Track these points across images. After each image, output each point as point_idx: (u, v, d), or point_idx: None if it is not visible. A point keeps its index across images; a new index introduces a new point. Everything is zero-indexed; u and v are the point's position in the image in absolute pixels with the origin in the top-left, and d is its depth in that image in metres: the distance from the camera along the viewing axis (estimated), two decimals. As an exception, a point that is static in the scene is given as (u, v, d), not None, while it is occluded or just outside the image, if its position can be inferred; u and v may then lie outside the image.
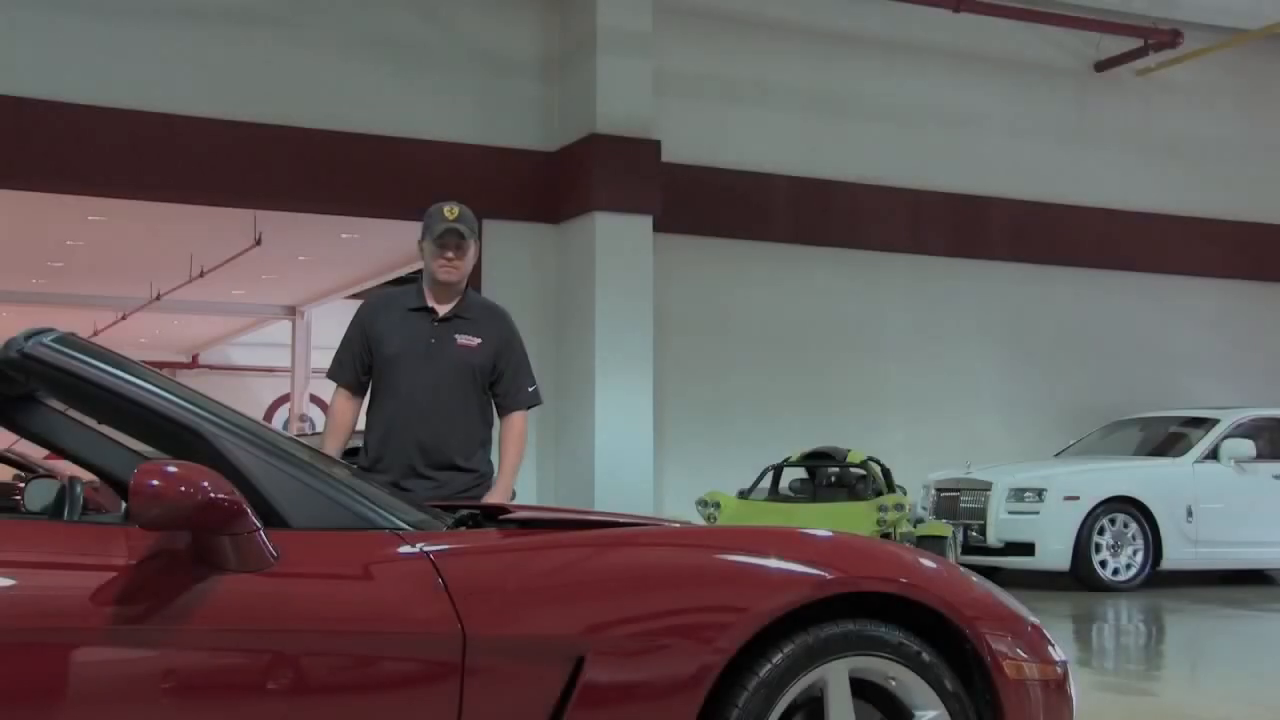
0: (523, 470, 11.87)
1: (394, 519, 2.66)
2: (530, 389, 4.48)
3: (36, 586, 2.35)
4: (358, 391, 4.46)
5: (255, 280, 17.55)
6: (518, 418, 4.46)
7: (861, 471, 10.17)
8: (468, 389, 4.35)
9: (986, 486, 10.55)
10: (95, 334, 20.69)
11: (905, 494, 10.10)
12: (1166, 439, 11.47)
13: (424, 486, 4.23)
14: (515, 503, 4.37)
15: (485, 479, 4.45)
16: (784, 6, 12.49)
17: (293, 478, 2.59)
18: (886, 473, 10.23)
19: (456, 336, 4.35)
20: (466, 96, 11.41)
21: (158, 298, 18.55)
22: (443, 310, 4.37)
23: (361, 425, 4.53)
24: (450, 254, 4.33)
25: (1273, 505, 10.81)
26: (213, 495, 2.28)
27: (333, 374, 4.47)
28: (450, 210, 4.39)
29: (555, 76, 11.69)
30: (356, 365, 4.41)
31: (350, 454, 4.37)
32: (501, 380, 4.41)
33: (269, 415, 24.04)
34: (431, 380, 4.30)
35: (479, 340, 4.36)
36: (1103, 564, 10.25)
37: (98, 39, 10.25)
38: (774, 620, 2.61)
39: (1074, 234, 13.61)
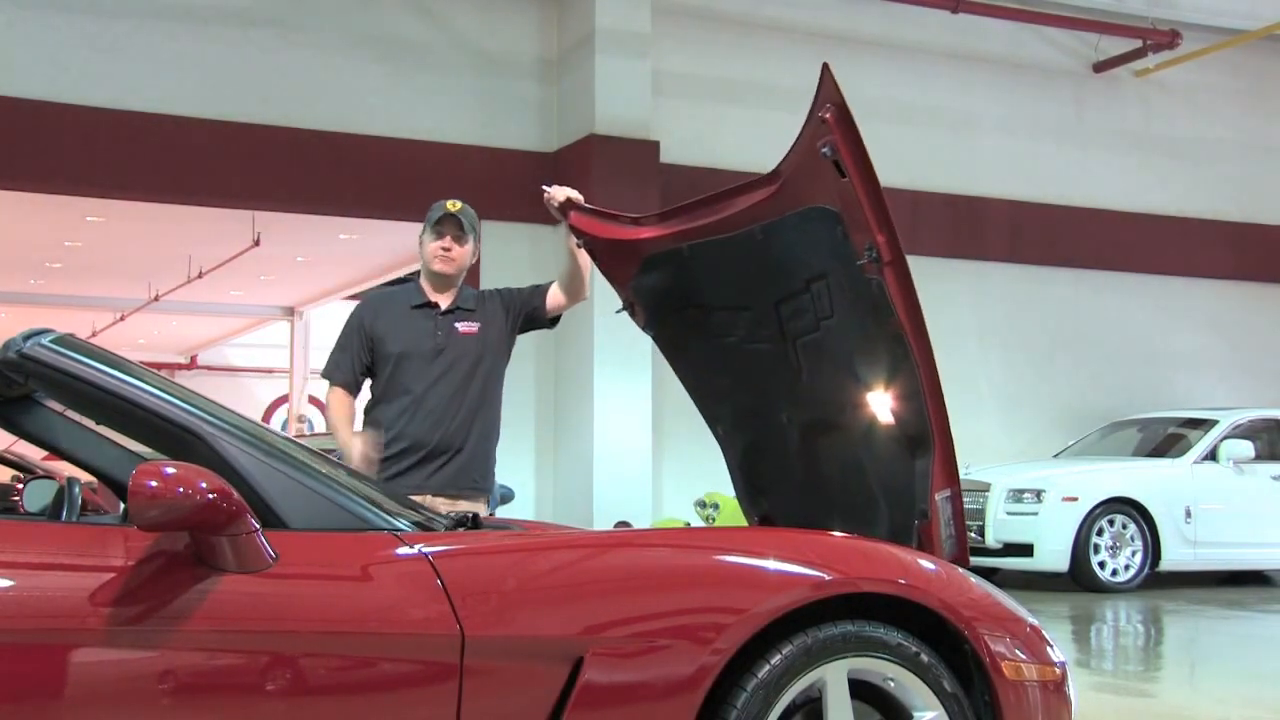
0: (522, 471, 11.87)
1: (392, 520, 2.66)
2: (540, 284, 4.53)
3: (35, 587, 2.35)
4: (353, 391, 4.41)
5: (254, 281, 17.53)
6: (551, 285, 4.50)
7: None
8: (480, 379, 4.33)
9: (985, 487, 10.55)
10: (94, 335, 20.68)
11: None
12: (1165, 440, 11.47)
13: (439, 482, 4.21)
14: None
15: (490, 483, 4.42)
16: (782, 7, 12.50)
17: (291, 479, 2.59)
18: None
19: (457, 325, 4.35)
20: (465, 97, 11.41)
21: (156, 299, 18.54)
22: (445, 304, 4.38)
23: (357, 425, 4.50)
24: (447, 242, 4.34)
25: (1271, 506, 10.81)
26: (211, 496, 2.29)
27: (328, 373, 4.40)
28: (453, 204, 4.43)
29: (554, 77, 11.69)
30: (355, 365, 4.35)
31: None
32: (524, 308, 4.46)
33: (267, 416, 24.03)
34: (443, 375, 4.28)
35: (478, 325, 4.36)
36: (1101, 565, 10.25)
37: (97, 39, 10.25)
38: (772, 621, 2.61)
39: (1072, 235, 13.61)
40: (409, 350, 4.30)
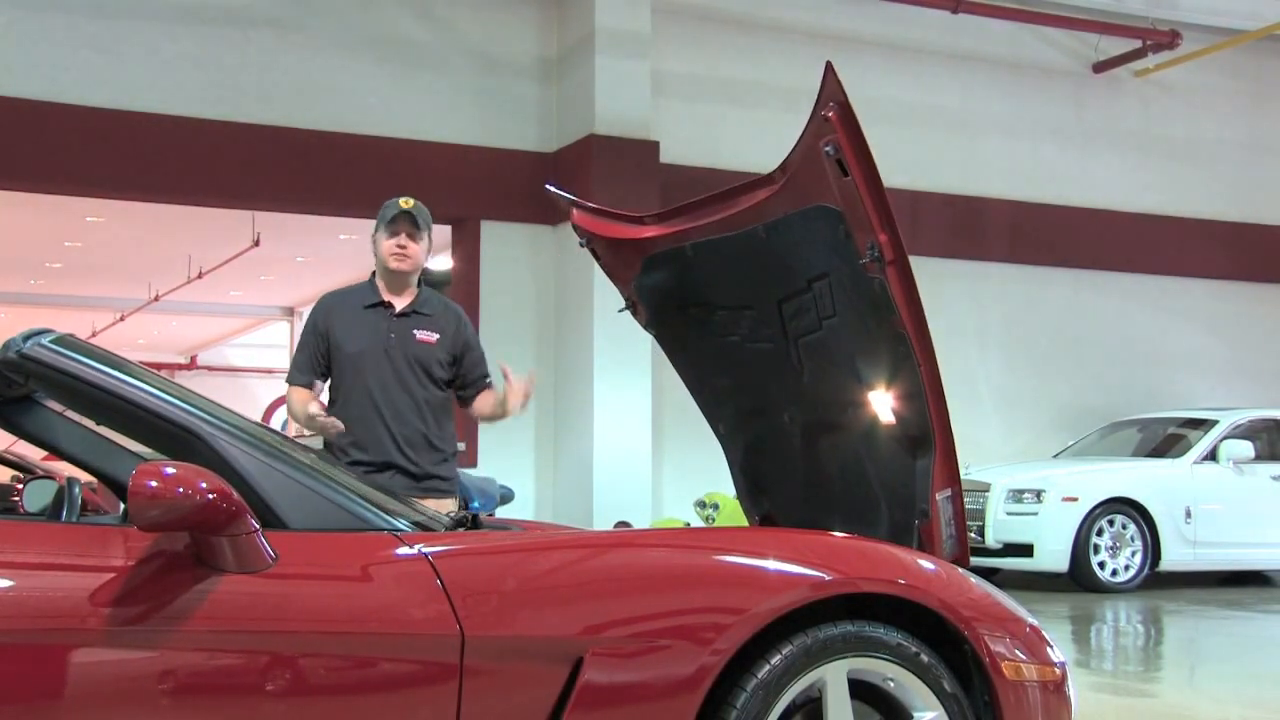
0: (521, 472, 11.85)
1: (392, 520, 2.66)
2: (487, 379, 4.51)
3: (35, 587, 2.35)
4: (314, 390, 4.43)
5: (253, 281, 17.56)
6: (487, 391, 4.51)
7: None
8: (429, 383, 4.36)
9: (985, 487, 10.54)
10: (94, 335, 20.69)
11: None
12: (1165, 440, 11.46)
13: (403, 482, 4.24)
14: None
15: (453, 478, 4.44)
16: (782, 7, 12.49)
17: (291, 479, 2.59)
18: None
19: (415, 332, 4.36)
20: (465, 98, 11.41)
21: (156, 299, 18.56)
22: (400, 305, 4.38)
23: None
24: (404, 240, 4.35)
25: (1271, 506, 10.80)
26: (211, 496, 2.28)
27: (290, 377, 4.44)
28: (406, 200, 4.44)
29: (554, 77, 11.69)
30: (314, 366, 4.38)
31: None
32: (460, 375, 4.45)
33: (267, 416, 24.01)
34: (396, 376, 4.30)
35: (437, 335, 4.38)
36: (1101, 565, 10.24)
37: (97, 39, 10.25)
38: (772, 621, 2.61)
39: (1072, 235, 13.61)
40: (364, 350, 4.32)
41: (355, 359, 4.31)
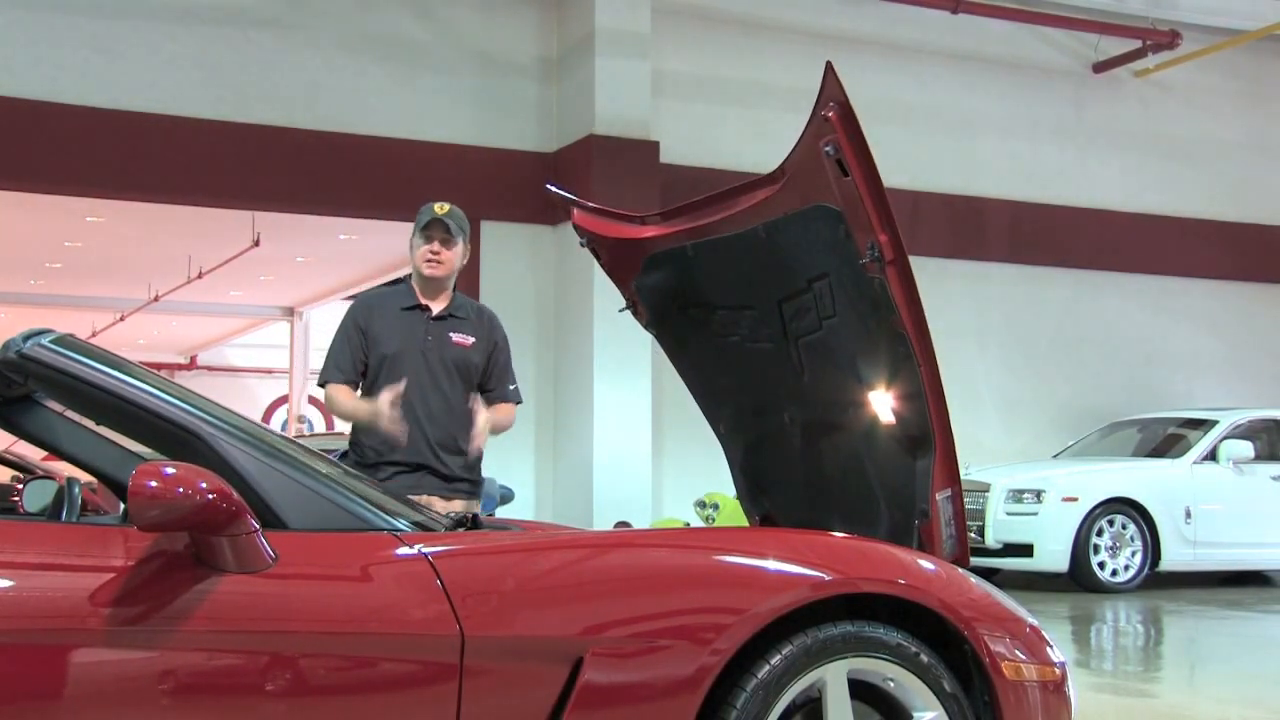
0: (522, 472, 11.84)
1: (392, 520, 2.66)
2: (512, 387, 4.54)
3: (35, 587, 2.35)
4: (354, 389, 4.41)
5: (253, 281, 17.54)
6: (504, 406, 4.51)
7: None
8: (464, 386, 4.38)
9: (985, 488, 10.54)
10: (93, 335, 20.69)
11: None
12: (1165, 440, 11.46)
13: (433, 483, 4.24)
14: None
15: (480, 481, 4.46)
16: (782, 7, 12.49)
17: (291, 479, 2.59)
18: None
19: (451, 335, 4.39)
20: (465, 98, 11.41)
21: (156, 299, 18.54)
22: (436, 308, 4.40)
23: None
24: (436, 247, 4.36)
25: (1271, 506, 10.80)
26: (211, 496, 2.28)
27: (328, 376, 4.37)
28: (440, 206, 4.43)
29: (553, 78, 11.69)
30: (355, 365, 4.36)
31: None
32: (490, 379, 4.47)
33: (267, 416, 24.02)
34: (431, 379, 4.31)
35: (473, 339, 4.41)
36: (1101, 565, 10.24)
37: (97, 40, 10.25)
38: (772, 621, 2.61)
39: (1072, 235, 13.61)
40: (401, 352, 4.33)
41: (392, 360, 4.32)
